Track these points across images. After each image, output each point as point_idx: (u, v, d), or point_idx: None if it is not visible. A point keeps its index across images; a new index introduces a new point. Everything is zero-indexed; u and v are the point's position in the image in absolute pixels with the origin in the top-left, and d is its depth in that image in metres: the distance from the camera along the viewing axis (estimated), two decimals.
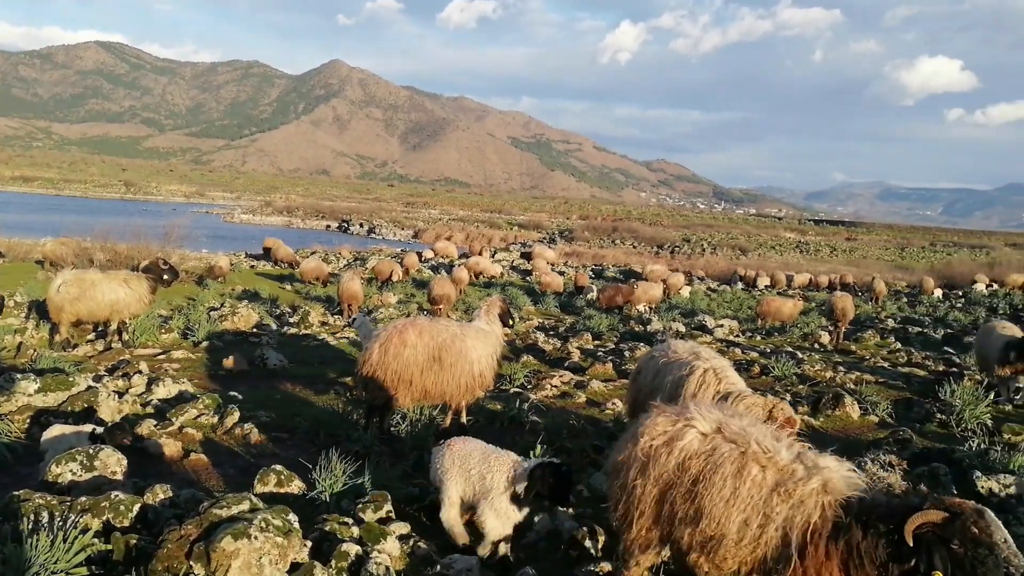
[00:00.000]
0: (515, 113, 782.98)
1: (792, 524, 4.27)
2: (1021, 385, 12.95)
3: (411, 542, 6.07)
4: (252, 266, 35.43)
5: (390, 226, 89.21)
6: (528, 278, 38.33)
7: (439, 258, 45.93)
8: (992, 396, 12.49)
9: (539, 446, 8.24)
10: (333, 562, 5.42)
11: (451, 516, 6.28)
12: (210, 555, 5.00)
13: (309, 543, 5.57)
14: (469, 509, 6.31)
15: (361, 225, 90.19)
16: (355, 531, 5.95)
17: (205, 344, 15.02)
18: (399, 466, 7.55)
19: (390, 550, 5.78)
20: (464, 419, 9.90)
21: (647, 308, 27.55)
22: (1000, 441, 10.17)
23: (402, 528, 6.31)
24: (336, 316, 22.08)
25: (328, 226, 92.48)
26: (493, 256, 48.92)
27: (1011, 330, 13.42)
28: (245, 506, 5.57)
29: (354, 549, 5.57)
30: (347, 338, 17.16)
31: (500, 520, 5.97)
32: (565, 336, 19.46)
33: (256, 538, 5.09)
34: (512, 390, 12.69)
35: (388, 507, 6.60)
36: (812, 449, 4.66)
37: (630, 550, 5.11)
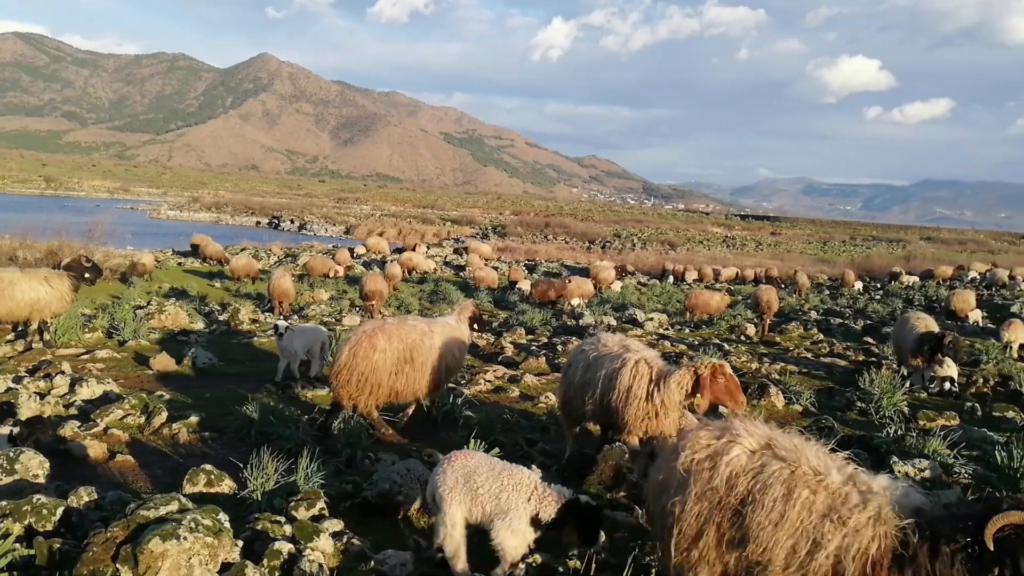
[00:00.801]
0: (447, 108, 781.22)
1: (846, 553, 3.97)
2: (935, 374, 13.49)
3: (345, 539, 6.05)
4: (180, 263, 34.65)
5: (322, 222, 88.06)
6: (461, 273, 38.32)
7: (371, 254, 45.58)
8: (908, 384, 13.01)
9: (472, 440, 8.28)
10: (265, 561, 5.37)
11: (455, 540, 5.62)
12: (137, 557, 4.90)
13: (240, 543, 5.51)
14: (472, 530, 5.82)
15: (292, 221, 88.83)
16: (287, 529, 5.90)
17: (131, 343, 14.64)
18: (332, 463, 7.50)
19: (323, 547, 5.75)
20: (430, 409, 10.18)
21: (580, 302, 27.81)
22: (916, 427, 10.61)
23: (335, 525, 6.28)
24: (267, 313, 21.75)
25: (258, 222, 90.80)
26: (428, 251, 48.76)
27: (925, 322, 13.98)
28: (174, 507, 5.47)
29: (287, 547, 5.52)
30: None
31: (519, 541, 5.54)
32: (499, 331, 19.54)
33: (185, 539, 5.01)
34: (445, 386, 12.69)
35: (321, 504, 6.56)
36: (863, 470, 4.40)
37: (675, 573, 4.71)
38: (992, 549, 3.67)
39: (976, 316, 23.71)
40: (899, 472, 8.39)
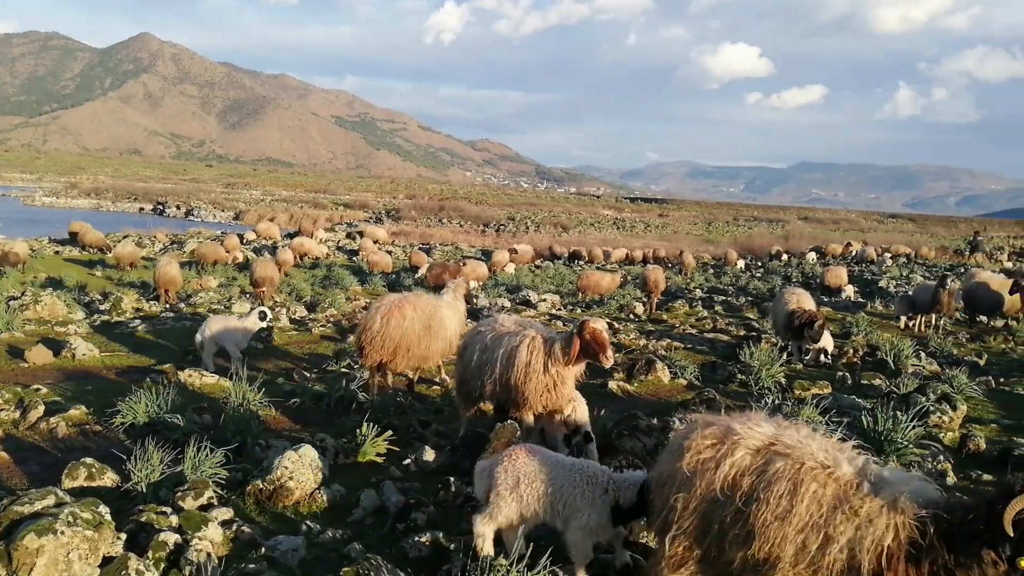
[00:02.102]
0: (339, 92, 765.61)
1: (860, 545, 3.91)
2: (809, 347, 14.23)
3: (234, 527, 5.98)
4: (57, 252, 33.02)
5: (209, 208, 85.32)
6: (355, 258, 37.88)
7: (262, 240, 44.49)
8: (785, 356, 13.67)
9: (365, 424, 8.28)
10: (150, 553, 5.26)
11: (488, 530, 5.43)
12: (11, 554, 4.74)
13: (124, 535, 5.39)
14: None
15: (178, 207, 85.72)
16: (174, 520, 5.79)
17: (4, 336, 13.91)
18: (221, 452, 7.36)
19: (212, 536, 5.67)
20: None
21: (475, 285, 27.93)
22: (792, 396, 11.19)
23: (225, 514, 6.20)
24: (152, 302, 21.02)
25: (142, 209, 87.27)
26: (325, 238, 47.93)
27: (798, 297, 14.67)
28: (50, 501, 5.30)
29: (172, 538, 5.43)
30: (164, 324, 16.38)
31: (593, 540, 5.31)
32: None
33: (63, 533, 4.87)
34: (339, 370, 12.61)
35: (210, 493, 6.46)
36: (874, 460, 4.37)
37: (659, 567, 4.70)
38: (1012, 534, 3.62)
39: (848, 291, 25.08)
40: None
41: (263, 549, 5.66)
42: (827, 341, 14.24)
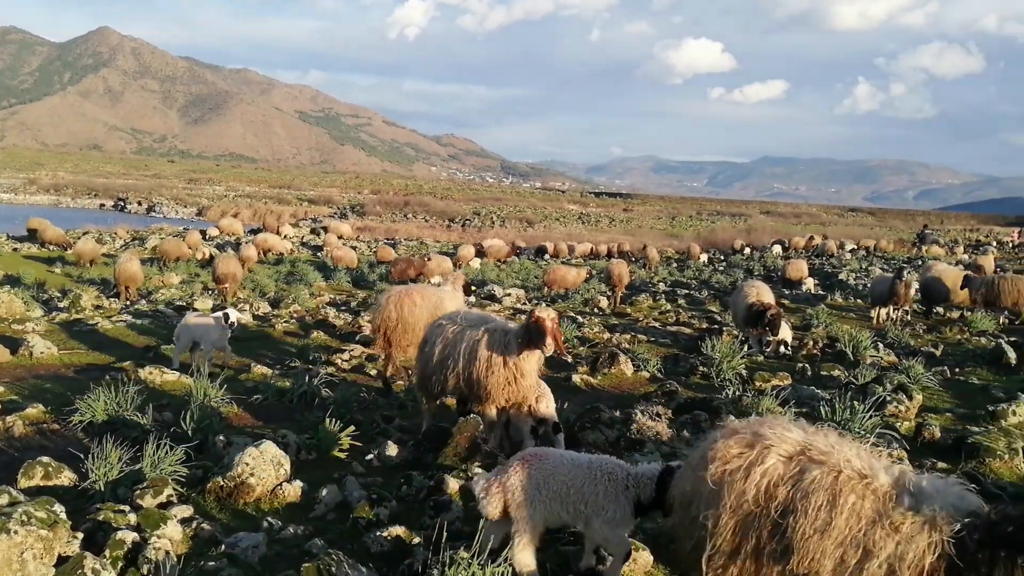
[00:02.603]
0: (303, 87, 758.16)
1: (900, 562, 3.74)
2: (770, 339, 14.42)
3: (194, 524, 5.92)
4: (15, 249, 32.44)
5: (172, 204, 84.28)
6: (319, 254, 37.64)
7: (225, 236, 44.03)
8: (746, 349, 13.85)
9: (328, 420, 8.25)
10: (108, 552, 5.20)
11: (528, 557, 5.16)
12: None
13: (80, 534, 5.32)
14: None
15: (139, 203, 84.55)
16: (132, 518, 5.72)
17: None
18: (181, 449, 7.29)
19: (171, 534, 5.61)
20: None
21: (439, 280, 27.88)
22: (752, 388, 11.33)
23: (184, 511, 6.14)
24: (112, 299, 20.72)
25: (102, 205, 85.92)
26: (292, 233, 47.55)
27: (758, 290, 14.85)
28: (3, 500, 5.23)
29: (130, 536, 5.36)
30: (124, 322, 16.15)
31: (620, 532, 5.14)
32: (357, 311, 19.37)
33: (16, 532, 4.78)
34: (302, 366, 12.54)
35: (169, 491, 6.39)
36: (910, 467, 4.23)
37: None
38: None
39: (809, 284, 25.44)
40: None
41: (223, 546, 5.61)
42: (786, 333, 14.43)
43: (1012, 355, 13.58)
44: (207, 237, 41.17)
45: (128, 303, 20.39)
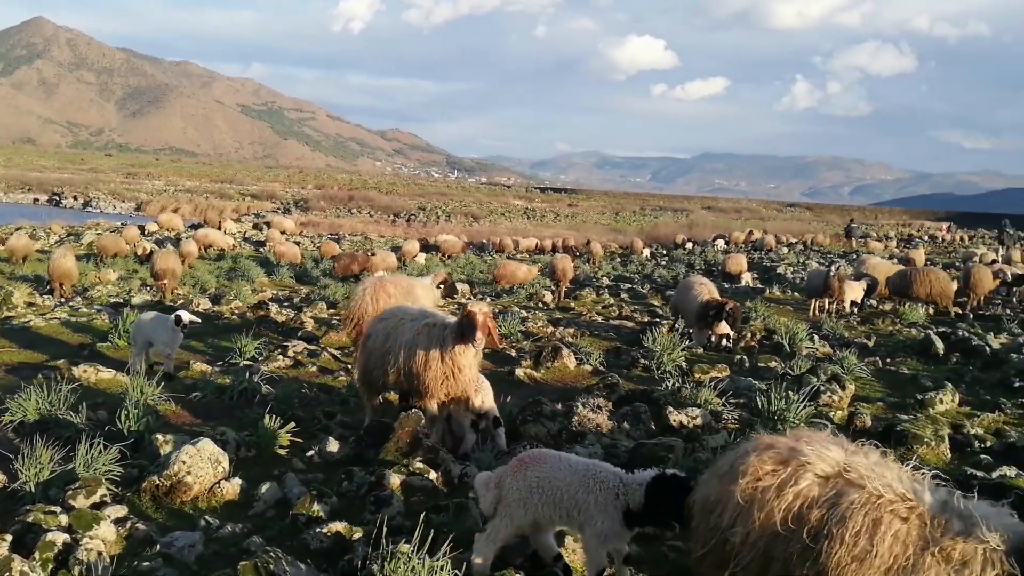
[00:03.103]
0: (245, 80, 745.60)
1: None
2: (712, 332, 14.65)
3: (128, 524, 5.82)
4: None
5: (109, 198, 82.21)
6: (262, 249, 37.11)
7: (165, 231, 43.12)
8: (688, 342, 14.06)
9: (268, 416, 8.17)
10: (37, 554, 5.09)
11: (488, 550, 5.20)
12: None
13: (9, 536, 5.21)
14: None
15: (76, 198, 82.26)
16: (63, 519, 5.61)
17: None
18: (116, 448, 7.15)
19: (104, 535, 5.52)
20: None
21: (384, 275, 27.73)
22: (691, 380, 11.51)
23: (118, 511, 6.03)
24: (46, 296, 20.18)
25: (36, 200, 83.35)
26: (237, 229, 46.75)
27: (708, 288, 15.07)
28: None
29: (61, 538, 5.26)
30: (59, 319, 15.73)
31: (608, 547, 5.01)
32: (299, 306, 19.17)
33: None
34: (242, 363, 12.37)
35: (103, 491, 6.27)
36: (959, 493, 3.93)
37: None
38: None
39: (747, 277, 25.93)
40: (675, 421, 9.12)
41: (159, 546, 5.53)
42: (726, 326, 14.69)
43: (940, 345, 14.04)
44: (146, 232, 40.31)
45: (63, 300, 19.88)
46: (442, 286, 14.63)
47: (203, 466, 6.68)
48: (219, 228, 41.76)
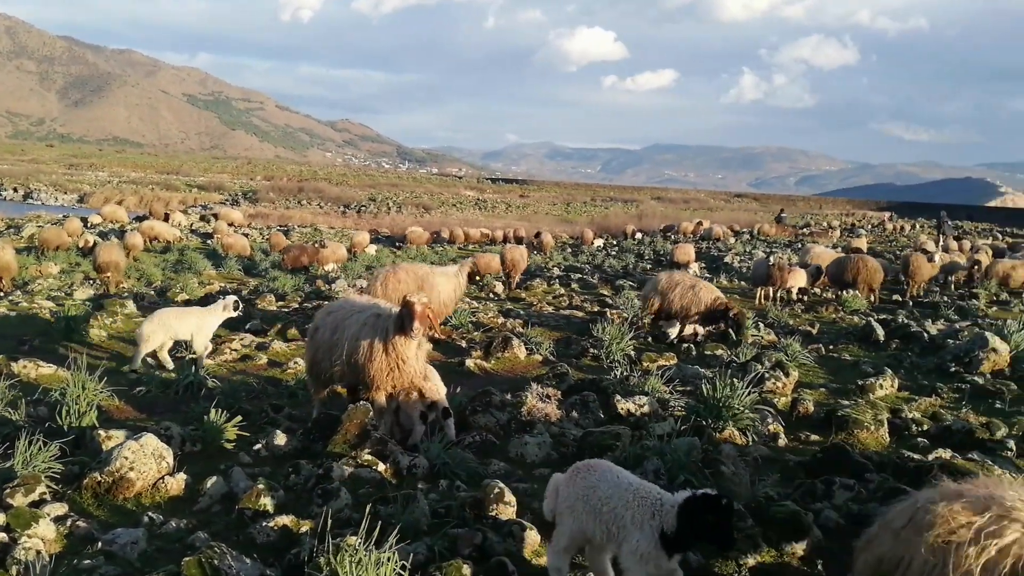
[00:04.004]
0: (191, 69, 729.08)
1: None
2: (662, 322, 14.83)
3: (69, 522, 5.72)
4: None
5: (50, 190, 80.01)
6: (209, 241, 36.50)
7: (108, 223, 42.13)
8: (634, 332, 14.21)
9: (213, 410, 8.06)
10: None
11: (558, 561, 5.11)
12: None
13: None
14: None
15: (15, 190, 79.88)
16: (0, 518, 5.48)
17: None
18: (56, 444, 6.99)
19: (43, 533, 5.41)
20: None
21: (334, 267, 27.50)
22: (639, 369, 11.66)
23: (59, 509, 5.92)
24: None
25: None
26: (185, 221, 45.85)
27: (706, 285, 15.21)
28: None
29: None
30: None
31: (646, 570, 4.74)
32: (248, 299, 18.92)
33: None
34: (188, 357, 12.18)
35: (42, 489, 6.15)
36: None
37: None
38: None
39: (695, 267, 26.27)
40: (622, 410, 9.23)
41: (100, 544, 5.44)
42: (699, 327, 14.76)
43: (880, 332, 14.41)
44: (89, 225, 39.34)
45: (1, 294, 19.34)
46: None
47: (146, 462, 6.58)
48: (166, 220, 40.89)
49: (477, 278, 15.43)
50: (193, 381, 10.21)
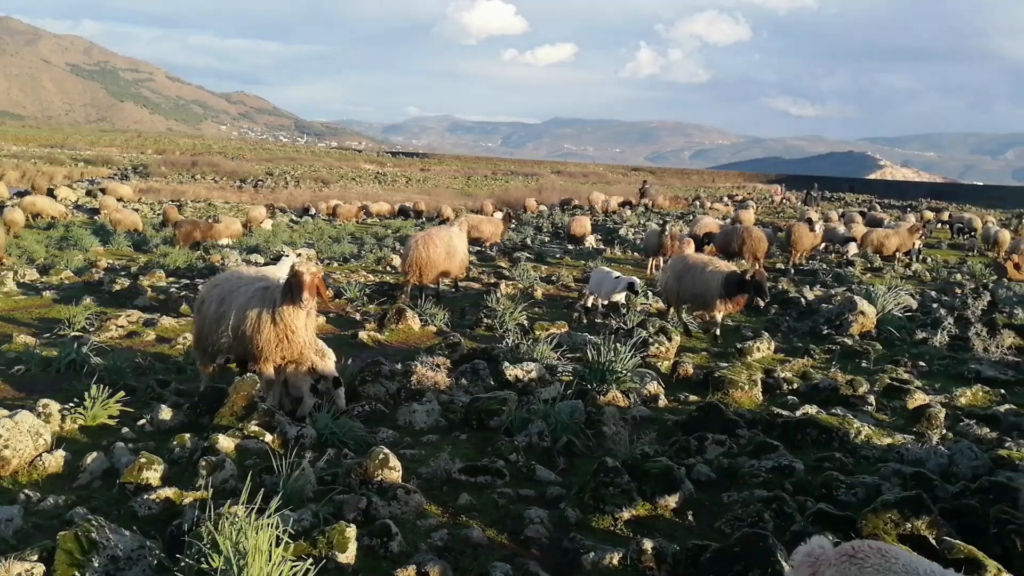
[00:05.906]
0: (74, 37, 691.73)
1: None
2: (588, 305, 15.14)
3: None
4: None
5: None
6: (97, 217, 35.06)
7: None
8: (526, 302, 14.52)
9: (95, 386, 7.91)
10: None
11: None
12: None
13: None
14: None
15: None
16: None
17: None
18: None
19: None
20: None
21: (228, 242, 26.87)
22: (531, 337, 11.94)
23: None
24: None
25: None
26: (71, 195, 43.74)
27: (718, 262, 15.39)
28: None
29: None
30: None
31: None
32: (136, 275, 18.37)
33: None
34: (71, 334, 11.82)
35: None
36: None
37: None
38: None
39: (591, 240, 26.82)
40: (510, 376, 9.48)
41: None
42: (620, 296, 14.53)
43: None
44: None
45: None
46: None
47: (22, 439, 6.44)
48: (50, 195, 38.98)
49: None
50: (75, 359, 9.94)
